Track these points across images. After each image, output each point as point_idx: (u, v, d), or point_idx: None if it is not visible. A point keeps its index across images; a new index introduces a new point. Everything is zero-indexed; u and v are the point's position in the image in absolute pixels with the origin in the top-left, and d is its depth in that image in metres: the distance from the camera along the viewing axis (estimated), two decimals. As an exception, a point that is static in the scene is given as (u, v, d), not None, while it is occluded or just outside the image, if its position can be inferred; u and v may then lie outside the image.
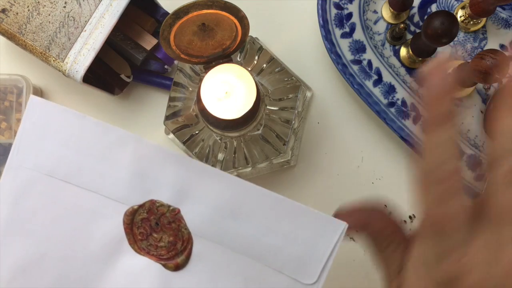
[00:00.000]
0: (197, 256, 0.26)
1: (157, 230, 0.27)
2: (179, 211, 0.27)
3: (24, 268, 0.27)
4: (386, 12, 0.46)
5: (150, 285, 0.27)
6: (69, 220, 0.27)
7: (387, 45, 0.46)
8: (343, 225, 0.25)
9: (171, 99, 0.39)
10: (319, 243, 0.26)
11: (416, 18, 0.47)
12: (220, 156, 0.39)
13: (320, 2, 0.44)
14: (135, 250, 0.27)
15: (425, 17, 0.45)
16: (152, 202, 0.27)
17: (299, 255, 0.26)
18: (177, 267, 0.27)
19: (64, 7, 0.42)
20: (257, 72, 0.39)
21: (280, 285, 0.26)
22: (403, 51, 0.46)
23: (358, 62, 0.44)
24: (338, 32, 0.44)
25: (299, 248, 0.26)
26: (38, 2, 0.42)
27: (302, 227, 0.26)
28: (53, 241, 0.27)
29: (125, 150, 0.26)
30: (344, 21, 0.45)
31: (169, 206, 0.27)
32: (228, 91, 0.33)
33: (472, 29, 0.46)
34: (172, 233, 0.27)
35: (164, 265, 0.27)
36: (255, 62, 0.39)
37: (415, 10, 0.47)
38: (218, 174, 0.26)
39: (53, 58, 0.42)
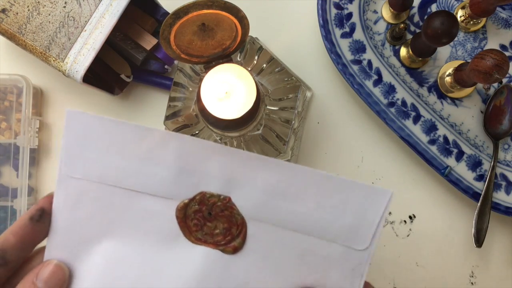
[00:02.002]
0: (252, 237, 0.28)
1: (210, 220, 0.28)
2: (229, 199, 0.28)
3: (88, 273, 0.28)
4: (386, 12, 0.46)
5: (213, 270, 0.28)
6: (124, 221, 0.28)
7: (387, 45, 0.46)
8: (389, 192, 0.27)
9: (171, 99, 0.39)
10: (368, 212, 0.27)
11: (416, 18, 0.47)
12: (220, 156, 0.38)
13: (320, 2, 0.44)
14: (192, 241, 0.28)
15: (425, 17, 0.45)
16: (203, 194, 0.28)
17: (350, 225, 0.27)
18: (235, 250, 0.28)
19: (64, 7, 0.42)
20: (257, 72, 0.39)
21: (334, 254, 0.28)
22: (403, 51, 0.46)
23: (358, 62, 0.44)
24: (338, 32, 0.44)
25: (349, 218, 0.27)
26: (38, 2, 0.42)
27: (350, 199, 0.27)
28: (112, 243, 0.28)
29: (168, 149, 0.28)
30: (344, 21, 0.45)
31: (220, 196, 0.28)
32: (228, 91, 0.33)
33: (472, 29, 0.46)
34: (226, 220, 0.28)
35: (223, 250, 0.28)
36: (255, 62, 0.39)
37: (415, 10, 0.47)
38: (263, 159, 0.27)
39: (53, 58, 0.42)
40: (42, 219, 0.28)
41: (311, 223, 0.28)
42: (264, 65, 0.39)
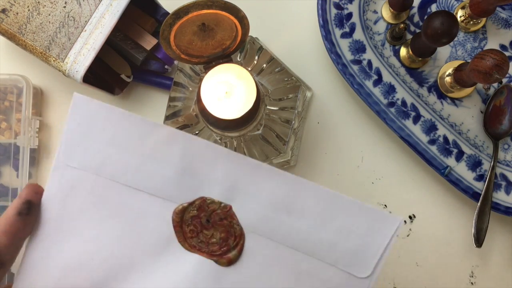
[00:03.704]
0: (249, 251, 0.27)
1: (208, 227, 0.27)
2: (230, 207, 0.27)
3: (72, 267, 0.27)
4: (386, 12, 0.46)
5: (203, 281, 0.27)
6: (117, 219, 0.27)
7: (387, 45, 0.46)
8: (398, 219, 0.26)
9: (171, 99, 0.39)
10: (374, 238, 0.26)
11: (416, 18, 0.47)
12: (220, 156, 0.38)
13: (320, 2, 0.44)
14: (186, 248, 0.27)
15: (425, 17, 0.45)
16: (203, 199, 0.27)
17: (354, 249, 0.26)
18: (230, 262, 0.27)
19: (64, 7, 0.42)
20: (257, 72, 0.39)
21: (333, 279, 0.26)
22: (403, 51, 0.46)
23: (358, 62, 0.44)
24: (338, 32, 0.44)
25: (354, 242, 0.26)
26: (38, 2, 0.42)
27: (357, 222, 0.26)
28: (101, 240, 0.27)
29: (174, 148, 0.26)
30: (344, 21, 0.45)
31: (221, 203, 0.27)
32: (228, 91, 0.33)
33: (472, 29, 0.46)
34: (224, 229, 0.27)
35: (217, 261, 0.27)
36: (255, 62, 0.39)
37: (415, 10, 0.47)
38: (271, 170, 0.26)
39: (53, 58, 0.42)
40: (30, 212, 0.26)
41: (313, 242, 0.26)
42: (264, 65, 0.39)
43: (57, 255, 0.27)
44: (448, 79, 0.45)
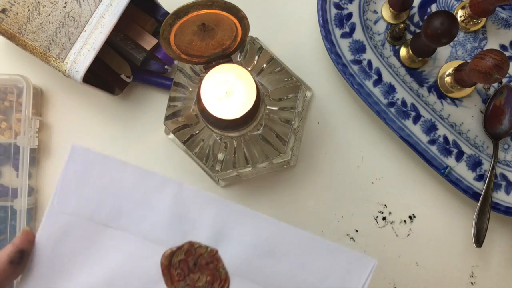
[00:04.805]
0: None
1: (194, 271, 0.28)
2: (217, 251, 0.28)
3: None
4: (386, 12, 0.46)
5: None
6: (108, 262, 0.28)
7: (387, 45, 0.46)
8: (372, 261, 0.27)
9: (171, 99, 0.39)
10: (351, 279, 0.27)
11: (416, 18, 0.47)
12: (220, 156, 0.39)
13: (320, 2, 0.44)
14: None
15: (425, 17, 0.45)
16: (191, 243, 0.28)
17: None
18: None
19: (64, 7, 0.42)
20: (257, 72, 0.39)
21: None
22: (403, 51, 0.46)
23: (358, 62, 0.44)
24: (338, 32, 0.44)
25: (332, 283, 0.27)
26: (38, 2, 0.42)
27: (335, 264, 0.27)
28: (91, 284, 0.28)
29: (165, 195, 0.28)
30: (344, 21, 0.45)
31: (207, 247, 0.28)
32: (228, 91, 0.33)
33: (472, 29, 0.46)
34: (210, 272, 0.28)
35: None
36: (255, 62, 0.39)
37: (415, 10, 0.47)
38: (255, 215, 0.28)
39: (53, 58, 0.42)
40: (22, 261, 0.27)
41: (294, 285, 0.27)
42: (264, 65, 0.39)
43: None
44: (448, 79, 0.45)
